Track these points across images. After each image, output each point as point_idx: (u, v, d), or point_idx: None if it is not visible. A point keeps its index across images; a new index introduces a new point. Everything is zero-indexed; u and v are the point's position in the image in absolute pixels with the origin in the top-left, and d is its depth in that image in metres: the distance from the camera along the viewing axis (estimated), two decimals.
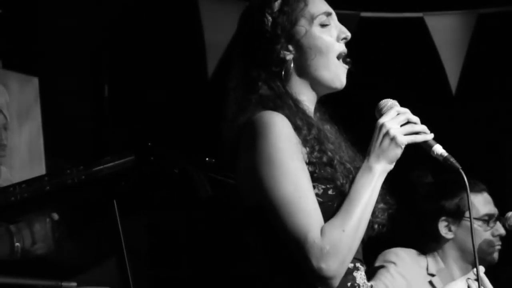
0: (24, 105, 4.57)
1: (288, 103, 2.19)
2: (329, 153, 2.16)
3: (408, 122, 2.16)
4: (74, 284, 3.07)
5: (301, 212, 2.05)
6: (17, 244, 4.04)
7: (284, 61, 2.23)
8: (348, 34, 2.26)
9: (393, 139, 2.12)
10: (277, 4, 2.25)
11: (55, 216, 3.91)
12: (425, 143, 2.17)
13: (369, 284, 2.20)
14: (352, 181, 2.14)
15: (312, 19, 2.25)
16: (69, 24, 4.78)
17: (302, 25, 2.24)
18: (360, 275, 2.18)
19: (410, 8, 4.94)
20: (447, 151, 2.18)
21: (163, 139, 4.66)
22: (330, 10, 2.28)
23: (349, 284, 2.15)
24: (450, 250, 3.56)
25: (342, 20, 2.32)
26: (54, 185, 2.70)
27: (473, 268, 3.53)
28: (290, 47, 2.24)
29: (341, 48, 2.26)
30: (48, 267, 3.50)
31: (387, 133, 2.13)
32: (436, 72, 4.93)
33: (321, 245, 2.03)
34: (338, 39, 2.26)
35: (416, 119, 2.17)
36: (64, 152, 4.65)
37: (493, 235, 3.54)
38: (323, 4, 2.29)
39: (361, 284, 2.17)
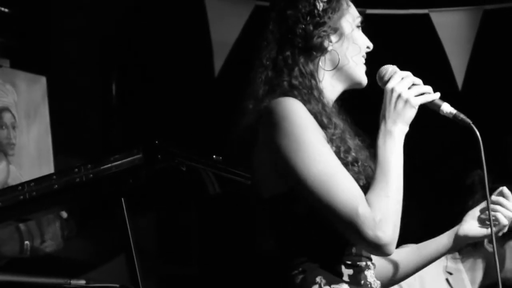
0: (32, 104, 4.59)
1: (315, 97, 2.21)
2: (353, 153, 2.20)
3: (413, 85, 2.22)
4: (83, 281, 3.08)
5: (343, 188, 2.09)
6: (26, 242, 4.06)
7: (324, 49, 2.25)
8: (371, 46, 2.33)
9: (406, 101, 2.18)
10: None
11: (64, 215, 3.93)
12: (433, 102, 2.23)
13: (378, 282, 2.22)
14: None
15: (353, 19, 2.31)
16: (77, 23, 4.80)
17: (348, 21, 2.29)
18: (370, 274, 2.20)
19: (415, 5, 4.94)
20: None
21: (171, 137, 4.67)
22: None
23: (362, 282, 2.18)
24: (480, 262, 3.55)
25: None
26: (63, 183, 2.71)
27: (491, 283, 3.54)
28: (333, 38, 2.27)
29: (364, 54, 2.33)
30: (57, 265, 3.51)
31: (399, 97, 2.19)
32: (442, 68, 4.94)
33: (373, 216, 2.07)
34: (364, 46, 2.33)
35: (419, 80, 2.23)
36: (72, 151, 4.67)
37: None
38: (356, 9, 2.35)
39: (371, 282, 2.20)
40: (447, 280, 3.52)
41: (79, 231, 3.77)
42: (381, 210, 2.08)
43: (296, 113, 2.13)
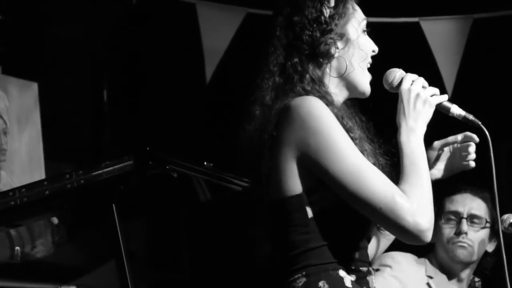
0: (23, 110, 4.60)
1: (329, 101, 2.20)
2: (371, 158, 2.21)
3: (423, 87, 2.27)
4: (74, 287, 3.09)
5: (376, 180, 2.10)
6: (17, 248, 4.06)
7: (331, 56, 2.25)
8: (377, 49, 2.33)
9: (425, 101, 2.23)
10: (332, 1, 2.28)
11: (55, 220, 3.93)
12: (442, 104, 2.29)
13: None
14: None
15: (359, 24, 2.30)
16: (68, 30, 4.81)
17: (354, 27, 2.28)
18: (371, 279, 2.21)
19: (406, 13, 4.96)
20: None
21: (162, 144, 4.69)
22: None
23: (364, 287, 2.19)
24: (439, 252, 3.60)
25: None
26: (54, 189, 2.71)
27: (462, 271, 3.58)
28: (339, 44, 2.26)
29: (370, 58, 2.32)
30: (48, 270, 3.51)
31: (418, 96, 2.23)
32: (432, 76, 4.95)
33: (410, 203, 2.09)
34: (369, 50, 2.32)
35: (426, 83, 2.28)
36: (63, 157, 4.67)
37: (454, 233, 3.57)
38: (362, 13, 2.35)
39: None
40: (427, 284, 3.55)
41: (70, 237, 3.77)
42: (417, 197, 2.10)
43: (321, 110, 2.13)
